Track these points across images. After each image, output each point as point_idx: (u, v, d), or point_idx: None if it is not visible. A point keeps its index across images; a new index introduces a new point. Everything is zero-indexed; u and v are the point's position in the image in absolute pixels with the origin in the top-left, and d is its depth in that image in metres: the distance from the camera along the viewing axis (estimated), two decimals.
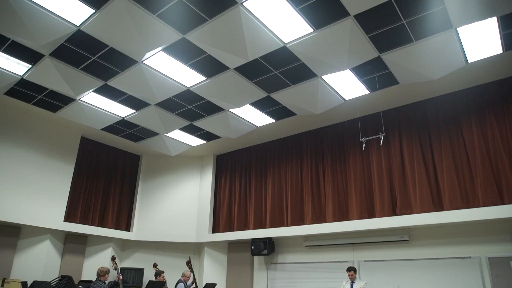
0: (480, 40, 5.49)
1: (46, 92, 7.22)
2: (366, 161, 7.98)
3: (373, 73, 6.36)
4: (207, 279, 9.24)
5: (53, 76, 6.57)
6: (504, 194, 6.22)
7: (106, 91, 7.16)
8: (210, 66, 6.27)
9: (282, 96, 7.18)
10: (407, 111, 7.68)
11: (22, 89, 7.15)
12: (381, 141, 6.50)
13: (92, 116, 8.09)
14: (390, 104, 7.65)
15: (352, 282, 6.91)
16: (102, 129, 8.83)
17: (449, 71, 6.13)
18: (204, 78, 6.63)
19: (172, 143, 9.57)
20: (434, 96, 7.35)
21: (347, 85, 6.80)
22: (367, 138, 6.88)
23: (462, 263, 6.50)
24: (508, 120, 6.52)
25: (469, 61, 5.98)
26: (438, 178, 7.00)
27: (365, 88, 6.87)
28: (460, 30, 5.28)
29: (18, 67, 6.44)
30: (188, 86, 6.92)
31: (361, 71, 6.33)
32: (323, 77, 6.52)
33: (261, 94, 7.10)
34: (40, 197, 8.25)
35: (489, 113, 6.73)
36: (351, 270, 6.93)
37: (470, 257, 6.46)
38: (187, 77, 6.62)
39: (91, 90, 7.12)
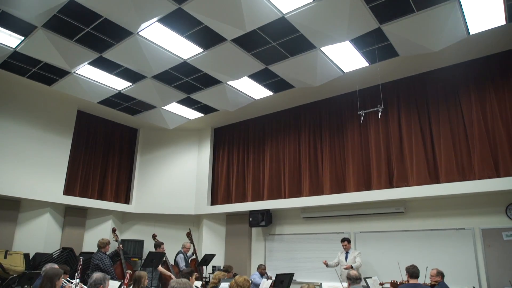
0: (483, 10, 5.37)
1: (40, 65, 7.09)
2: (364, 134, 7.98)
3: (373, 44, 6.25)
4: (206, 250, 9.42)
5: (47, 48, 6.43)
6: (500, 167, 6.28)
7: (102, 64, 7.04)
8: (207, 38, 6.14)
9: (280, 68, 7.08)
10: (406, 83, 7.63)
11: (16, 62, 7.01)
12: (379, 114, 6.49)
13: (88, 89, 7.99)
14: (389, 76, 7.58)
15: (347, 252, 7.09)
16: (99, 103, 8.74)
17: (450, 43, 6.03)
18: (201, 50, 6.51)
19: (170, 116, 9.52)
20: (433, 68, 7.27)
21: (346, 57, 6.70)
22: (366, 111, 6.85)
23: (456, 234, 6.65)
24: (507, 93, 6.48)
25: (471, 32, 5.87)
26: (435, 151, 7.04)
27: (365, 60, 6.78)
28: (463, 0, 5.15)
29: (10, 39, 6.28)
30: (185, 58, 6.81)
31: (361, 42, 6.22)
32: (322, 48, 6.41)
33: (259, 66, 7.00)
34: (38, 170, 8.26)
35: (489, 86, 6.69)
36: (345, 240, 7.11)
37: (464, 229, 6.60)
38: (184, 49, 6.49)
39: (86, 63, 7.00)
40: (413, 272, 4.91)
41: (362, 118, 6.91)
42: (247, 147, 10.01)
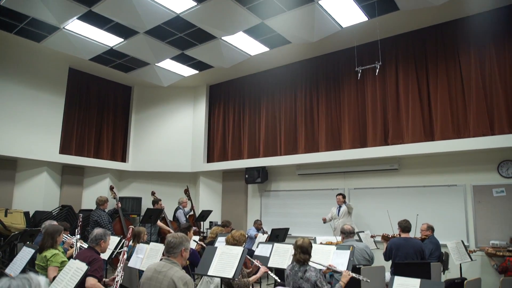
0: None
1: (28, 20, 6.80)
2: (361, 91, 7.92)
3: None
4: (203, 206, 9.62)
5: (33, 1, 6.15)
6: (495, 125, 6.31)
7: (92, 18, 6.76)
8: None
9: (276, 23, 6.86)
10: (405, 40, 7.46)
11: (2, 18, 6.73)
12: (377, 70, 6.39)
13: (79, 45, 7.74)
14: (388, 32, 7.40)
15: (340, 206, 7.33)
16: (90, 60, 8.50)
17: None
18: (194, 3, 6.26)
19: (164, 73, 9.33)
20: (434, 24, 7.09)
21: (344, 12, 6.48)
22: (363, 68, 6.75)
23: (447, 191, 6.80)
24: (508, 50, 6.36)
25: None
26: (431, 108, 7.03)
27: (364, 15, 6.57)
28: None
29: None
30: (178, 13, 6.56)
31: None
32: (320, 2, 6.19)
33: (254, 20, 6.76)
34: (33, 130, 8.20)
35: (489, 43, 6.55)
36: (340, 194, 7.37)
37: (455, 185, 6.74)
38: (177, 2, 6.23)
39: (75, 18, 6.73)
40: (405, 226, 5.05)
41: (359, 75, 6.82)
42: (243, 105, 9.94)
